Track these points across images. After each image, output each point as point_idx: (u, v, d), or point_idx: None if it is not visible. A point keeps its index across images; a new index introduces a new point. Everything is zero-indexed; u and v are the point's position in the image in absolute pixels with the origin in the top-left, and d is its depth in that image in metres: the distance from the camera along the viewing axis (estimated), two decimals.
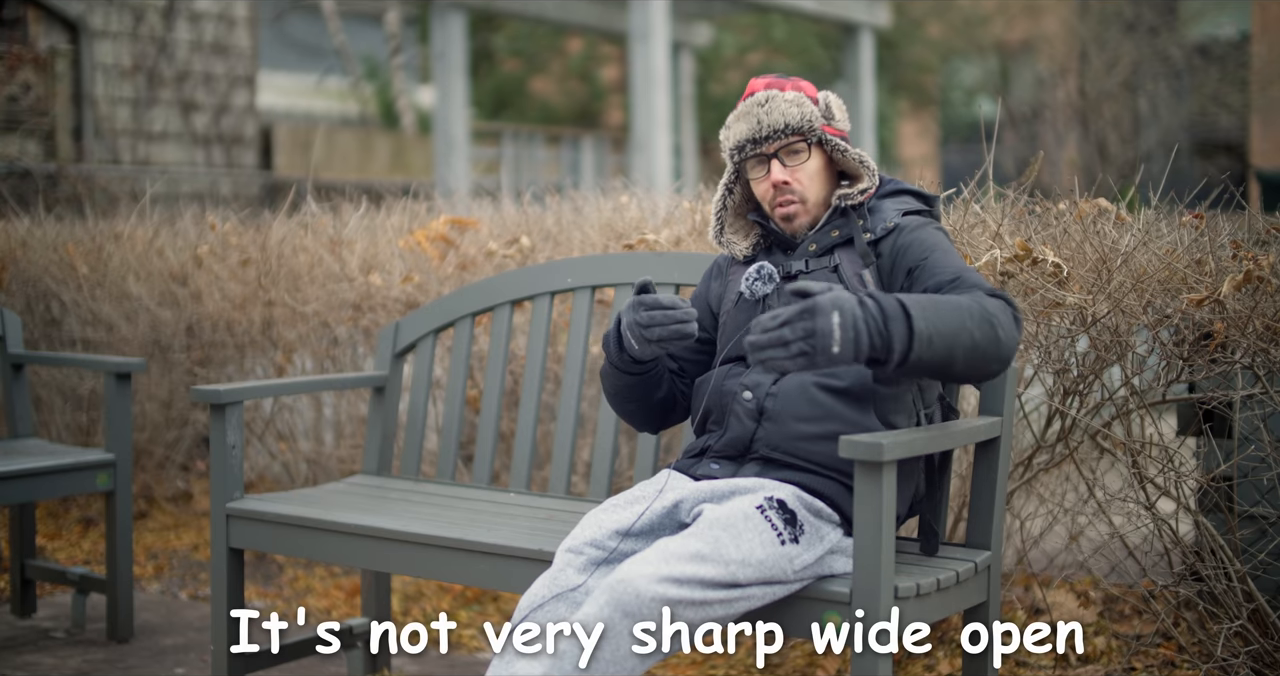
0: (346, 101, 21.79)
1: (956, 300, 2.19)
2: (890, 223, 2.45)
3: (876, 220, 2.47)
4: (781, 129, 2.46)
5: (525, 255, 4.07)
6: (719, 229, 2.61)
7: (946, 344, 2.13)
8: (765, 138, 2.46)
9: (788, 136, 2.47)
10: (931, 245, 2.40)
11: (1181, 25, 18.32)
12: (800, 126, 2.46)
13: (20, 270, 5.23)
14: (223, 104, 12.18)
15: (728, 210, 2.60)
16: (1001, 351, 2.21)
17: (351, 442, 4.62)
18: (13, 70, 10.69)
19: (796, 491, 2.30)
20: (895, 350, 2.08)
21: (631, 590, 2.10)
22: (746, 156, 2.50)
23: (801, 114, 2.46)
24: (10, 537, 3.94)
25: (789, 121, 2.46)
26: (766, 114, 2.46)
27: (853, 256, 2.45)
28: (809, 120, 2.47)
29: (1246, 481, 2.99)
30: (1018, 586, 3.53)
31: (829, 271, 2.45)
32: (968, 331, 2.15)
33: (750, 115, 2.48)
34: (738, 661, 3.38)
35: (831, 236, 2.47)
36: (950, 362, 2.15)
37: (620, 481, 3.93)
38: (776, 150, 2.47)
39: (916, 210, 2.51)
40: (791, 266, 2.48)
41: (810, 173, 2.49)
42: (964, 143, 22.75)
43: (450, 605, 3.92)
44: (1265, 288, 2.69)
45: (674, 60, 16.89)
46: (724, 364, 2.51)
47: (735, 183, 2.59)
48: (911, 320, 2.09)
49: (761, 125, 2.46)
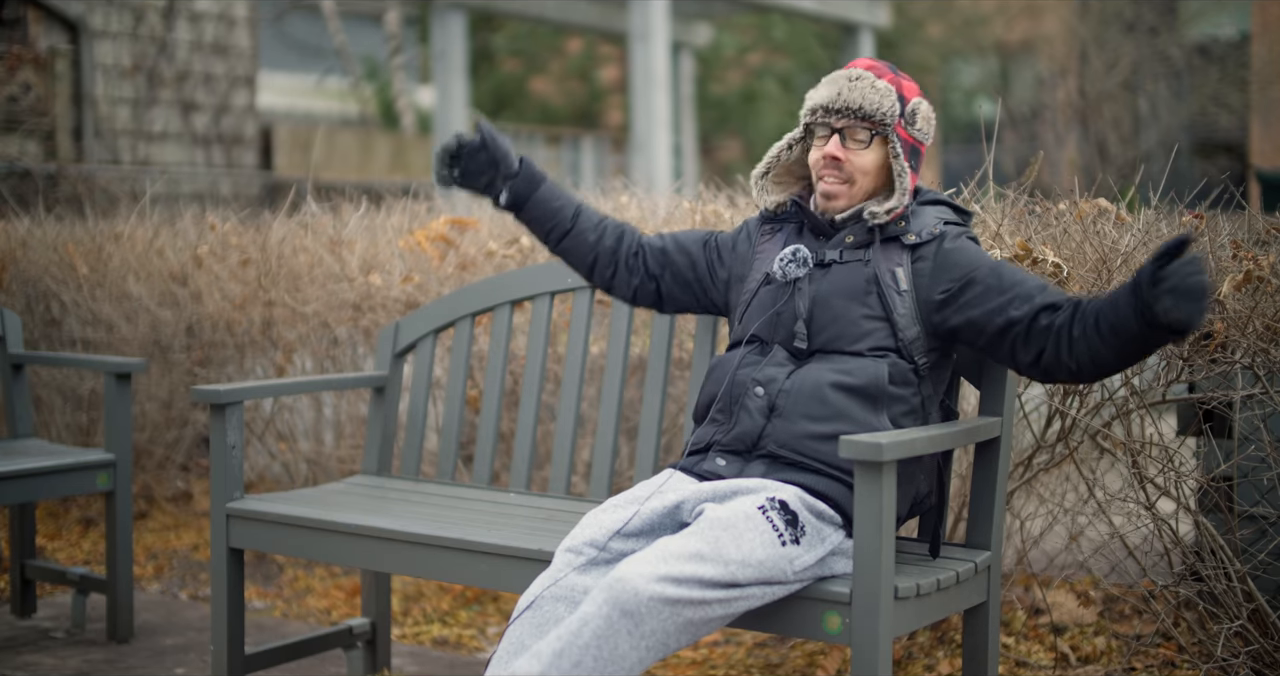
0: (346, 102, 21.78)
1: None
2: (936, 229, 2.46)
3: (918, 224, 2.48)
4: (855, 109, 2.46)
5: (525, 255, 4.07)
6: (765, 172, 2.61)
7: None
8: (838, 110, 2.47)
9: (857, 118, 2.47)
10: (982, 255, 2.43)
11: (1181, 25, 18.32)
12: (872, 114, 2.46)
13: (20, 270, 5.23)
14: (223, 104, 12.17)
15: (780, 161, 2.61)
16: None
17: (351, 442, 4.62)
18: (13, 70, 10.69)
19: (799, 492, 2.30)
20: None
21: (630, 588, 2.10)
22: (817, 121, 2.51)
23: (880, 103, 2.46)
24: (10, 537, 3.94)
25: (865, 106, 2.46)
26: (850, 89, 2.47)
27: (888, 252, 2.45)
28: (885, 113, 2.46)
29: (1246, 481, 2.99)
30: (1018, 586, 3.53)
31: (862, 264, 2.45)
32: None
33: (836, 84, 2.49)
34: (738, 661, 3.38)
35: (869, 232, 2.48)
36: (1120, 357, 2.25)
37: (620, 481, 3.93)
38: (843, 126, 2.48)
39: (954, 221, 2.53)
40: (825, 254, 2.48)
41: (865, 162, 2.49)
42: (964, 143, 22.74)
43: (450, 605, 3.92)
44: (1265, 288, 2.69)
45: (674, 60, 16.89)
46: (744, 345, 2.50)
47: (799, 141, 2.59)
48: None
49: (840, 97, 2.47)
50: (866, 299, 2.42)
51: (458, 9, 14.93)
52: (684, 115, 18.57)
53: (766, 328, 2.48)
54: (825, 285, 2.45)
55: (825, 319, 2.42)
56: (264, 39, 15.77)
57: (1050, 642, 3.27)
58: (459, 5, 14.90)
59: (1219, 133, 18.53)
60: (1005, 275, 2.37)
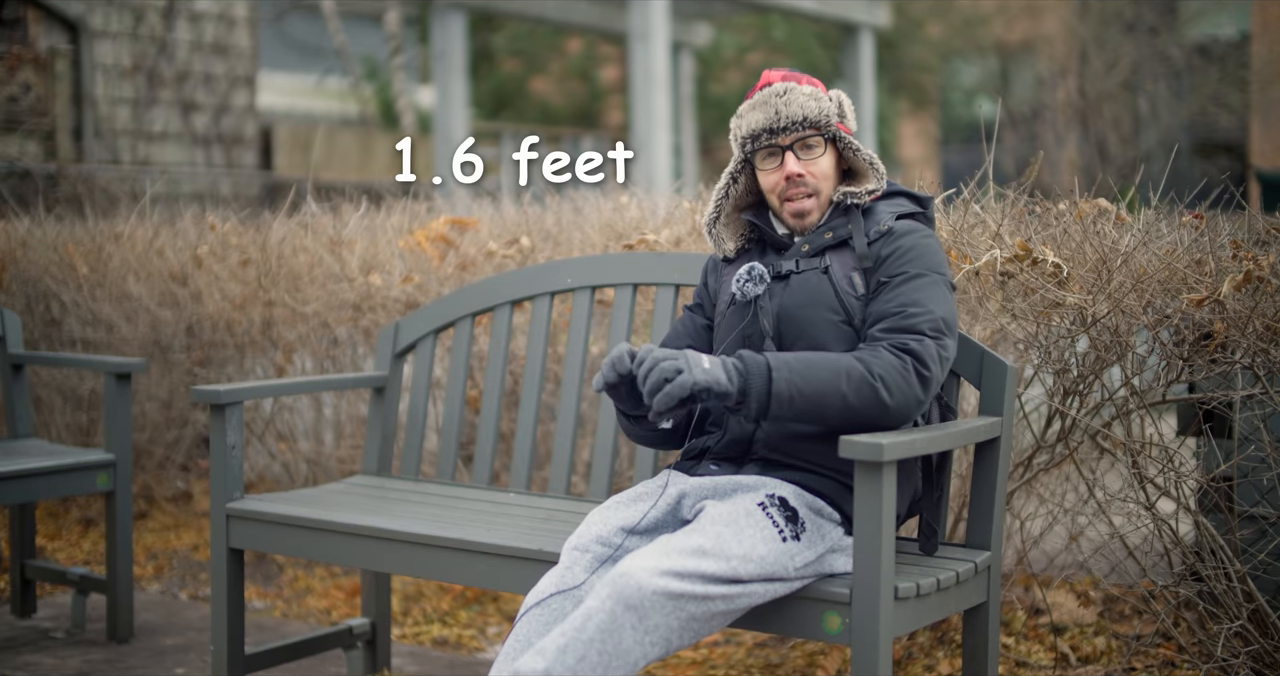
0: (346, 101, 21.77)
1: (836, 362, 2.25)
2: (884, 225, 2.45)
3: (870, 222, 2.46)
4: (800, 121, 2.44)
5: (525, 255, 4.07)
6: (714, 218, 2.59)
7: (813, 403, 2.23)
8: (782, 129, 2.44)
9: (805, 130, 2.45)
10: (908, 260, 2.39)
11: (1181, 25, 18.31)
12: (818, 121, 2.45)
13: (20, 270, 5.23)
14: (223, 104, 12.18)
15: (728, 199, 2.58)
16: (888, 413, 2.25)
17: (351, 442, 4.62)
18: (13, 70, 10.69)
19: (798, 489, 2.31)
20: (752, 400, 2.20)
21: (633, 583, 2.10)
22: (760, 146, 2.48)
23: (820, 108, 2.45)
24: (10, 537, 3.95)
25: (808, 114, 2.44)
26: (785, 105, 2.44)
27: (845, 258, 2.44)
28: (826, 115, 2.46)
29: (1246, 481, 2.99)
30: (1018, 586, 3.53)
31: (820, 272, 2.44)
32: (839, 394, 2.23)
33: (768, 105, 2.46)
34: (738, 661, 3.38)
35: (825, 238, 2.46)
36: (821, 418, 2.25)
37: (620, 481, 3.93)
38: (792, 142, 2.46)
39: (910, 212, 2.51)
40: (783, 266, 2.47)
41: (823, 168, 2.47)
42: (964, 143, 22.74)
43: (450, 605, 3.92)
44: (1265, 288, 2.69)
45: (674, 60, 16.89)
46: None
47: (740, 173, 2.56)
48: (773, 380, 2.20)
49: (780, 116, 2.44)
50: (831, 304, 2.40)
51: (458, 9, 14.93)
52: (684, 115, 18.57)
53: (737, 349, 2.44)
54: (787, 297, 2.43)
55: (793, 332, 2.41)
56: (264, 39, 15.77)
57: (1050, 642, 3.27)
58: (459, 5, 14.90)
59: (1219, 133, 18.52)
60: (905, 290, 2.35)
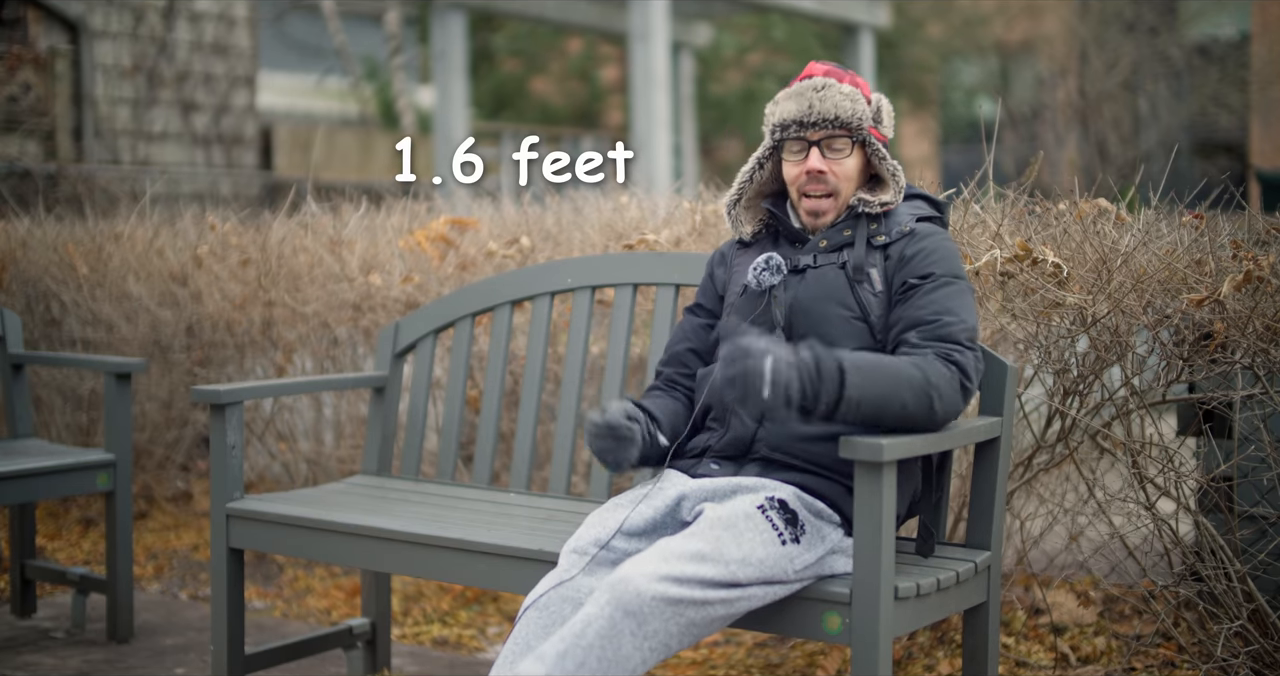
0: (346, 102, 21.77)
1: (899, 368, 2.24)
2: (906, 227, 2.45)
3: (891, 223, 2.47)
4: (831, 119, 2.44)
5: (525, 255, 4.07)
6: (736, 199, 2.59)
7: (875, 408, 2.21)
8: (813, 123, 2.44)
9: (834, 128, 2.44)
10: (933, 262, 2.39)
11: (1181, 25, 18.31)
12: (849, 121, 2.44)
13: (20, 270, 5.23)
14: (223, 104, 12.18)
15: (752, 183, 2.57)
16: (934, 420, 2.27)
17: (351, 442, 4.62)
18: (13, 70, 10.69)
19: (797, 492, 2.31)
20: (822, 405, 2.18)
21: (632, 589, 2.10)
22: (789, 136, 2.47)
23: (854, 110, 2.45)
24: (10, 537, 3.94)
25: (840, 114, 2.44)
26: (820, 100, 2.44)
27: (860, 256, 2.45)
28: (859, 117, 2.45)
29: (1246, 481, 2.99)
30: (1018, 586, 3.53)
31: (836, 267, 2.44)
32: (900, 401, 2.22)
33: (803, 97, 2.45)
34: (738, 661, 3.38)
35: (844, 235, 2.46)
36: (877, 422, 2.24)
37: (620, 481, 3.93)
38: (820, 138, 2.45)
39: (928, 216, 2.51)
40: (799, 260, 2.47)
41: (847, 170, 2.47)
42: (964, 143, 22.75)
43: (450, 605, 3.92)
44: (1265, 288, 2.69)
45: (674, 60, 16.88)
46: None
47: (769, 159, 2.56)
48: (845, 385, 2.17)
49: (813, 110, 2.44)
50: (845, 300, 2.41)
51: (458, 9, 14.92)
52: (684, 115, 18.56)
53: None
54: (802, 290, 2.43)
55: (804, 325, 2.41)
56: (264, 39, 15.77)
57: (1050, 642, 3.27)
58: (459, 5, 14.90)
59: (1219, 133, 18.52)
60: (937, 297, 2.35)
